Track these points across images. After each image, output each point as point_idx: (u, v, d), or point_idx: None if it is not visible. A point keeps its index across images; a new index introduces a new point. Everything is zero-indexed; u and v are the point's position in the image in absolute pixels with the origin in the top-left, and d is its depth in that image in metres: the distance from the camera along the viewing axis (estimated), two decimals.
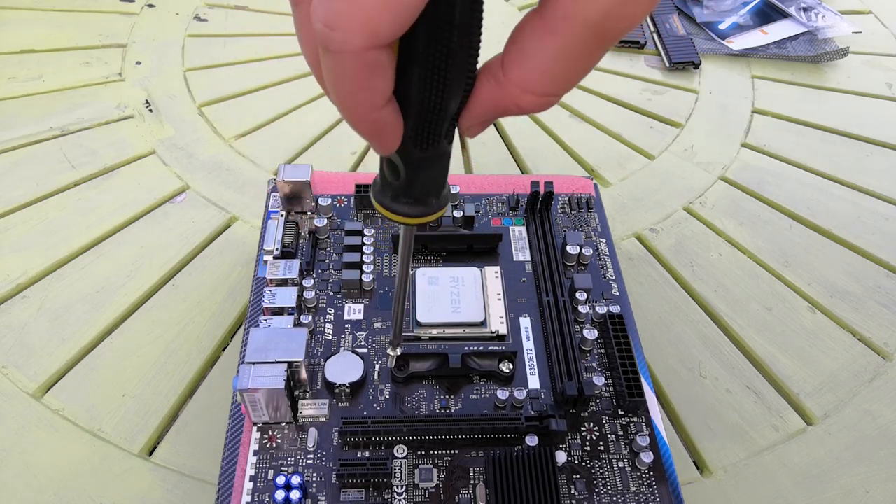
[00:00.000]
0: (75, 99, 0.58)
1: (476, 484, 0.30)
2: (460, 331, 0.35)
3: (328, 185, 0.42)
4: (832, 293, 0.46)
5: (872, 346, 0.43)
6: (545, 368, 0.34)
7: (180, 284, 0.45)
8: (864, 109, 0.61)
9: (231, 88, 0.61)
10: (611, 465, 0.31)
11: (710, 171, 0.55)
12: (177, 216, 0.49)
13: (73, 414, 0.38)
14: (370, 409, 0.33)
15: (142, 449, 0.37)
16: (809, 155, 0.56)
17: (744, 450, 0.38)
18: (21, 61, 0.61)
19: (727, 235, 0.50)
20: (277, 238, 0.38)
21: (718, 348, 0.43)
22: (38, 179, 0.51)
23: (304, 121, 0.58)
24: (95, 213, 0.49)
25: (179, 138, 0.56)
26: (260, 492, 0.30)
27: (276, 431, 0.32)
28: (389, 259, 0.39)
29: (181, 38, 0.66)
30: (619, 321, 0.35)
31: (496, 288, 0.37)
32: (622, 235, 0.49)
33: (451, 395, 0.33)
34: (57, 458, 0.36)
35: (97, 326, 0.42)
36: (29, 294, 0.44)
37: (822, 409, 0.40)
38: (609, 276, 0.39)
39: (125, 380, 0.40)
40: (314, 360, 0.34)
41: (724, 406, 0.40)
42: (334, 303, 0.37)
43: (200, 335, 0.42)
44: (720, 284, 0.46)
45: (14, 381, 0.39)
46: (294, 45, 0.66)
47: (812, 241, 0.49)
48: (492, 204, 0.42)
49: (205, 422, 0.38)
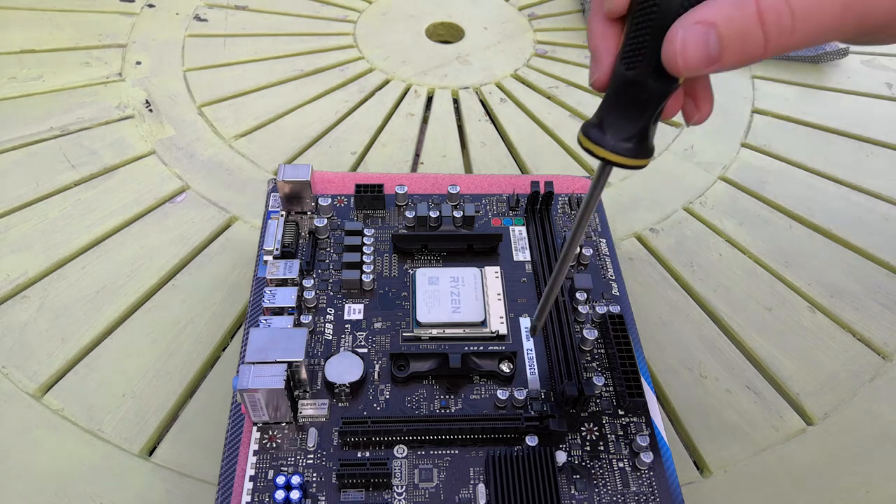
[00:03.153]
0: (75, 99, 0.58)
1: (476, 484, 0.30)
2: (460, 331, 0.35)
3: (328, 185, 0.42)
4: (832, 293, 0.46)
5: (872, 346, 0.43)
6: (545, 368, 0.34)
7: (180, 284, 0.45)
8: (864, 109, 0.61)
9: (231, 88, 0.61)
10: (611, 465, 0.31)
11: (710, 171, 0.55)
12: (177, 216, 0.49)
13: (73, 414, 0.38)
14: (370, 409, 0.33)
15: (142, 449, 0.37)
16: (809, 155, 0.56)
17: (744, 450, 0.38)
18: (21, 61, 0.61)
19: (727, 235, 0.50)
20: (277, 238, 0.38)
21: (718, 348, 0.43)
22: (38, 179, 0.51)
23: (304, 121, 0.58)
24: (95, 213, 0.49)
25: (179, 138, 0.56)
26: (260, 492, 0.30)
27: (276, 431, 0.32)
28: (389, 259, 0.39)
29: (181, 38, 0.66)
30: (619, 321, 0.35)
31: (496, 288, 0.37)
32: (622, 235, 0.49)
33: (451, 395, 0.33)
34: (57, 458, 0.36)
35: (97, 326, 0.42)
36: (29, 294, 0.44)
37: (822, 409, 0.40)
38: (609, 276, 0.39)
39: (125, 380, 0.40)
40: (314, 360, 0.34)
41: (724, 406, 0.40)
42: (334, 303, 0.37)
43: (200, 335, 0.42)
44: (720, 284, 0.46)
45: (14, 381, 0.39)
46: (294, 45, 0.66)
47: (812, 241, 0.49)
48: (492, 204, 0.42)
49: (205, 422, 0.38)
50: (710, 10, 0.18)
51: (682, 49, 0.18)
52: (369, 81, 0.63)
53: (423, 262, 0.39)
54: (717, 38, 0.18)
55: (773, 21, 0.17)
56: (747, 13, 0.18)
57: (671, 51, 0.19)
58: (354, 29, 0.69)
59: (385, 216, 0.41)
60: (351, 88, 0.62)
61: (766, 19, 0.17)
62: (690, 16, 0.18)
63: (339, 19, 0.70)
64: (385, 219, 0.41)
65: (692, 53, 0.18)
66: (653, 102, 0.21)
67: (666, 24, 0.19)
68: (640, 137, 0.22)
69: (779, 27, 0.18)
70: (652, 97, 0.21)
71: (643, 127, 0.21)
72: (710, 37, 0.18)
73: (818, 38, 0.18)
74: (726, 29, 0.18)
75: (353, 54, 0.66)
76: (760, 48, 0.18)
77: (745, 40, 0.18)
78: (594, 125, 0.22)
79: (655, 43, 0.19)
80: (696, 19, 0.18)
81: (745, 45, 0.18)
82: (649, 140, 0.22)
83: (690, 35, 0.18)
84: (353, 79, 0.63)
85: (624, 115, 0.21)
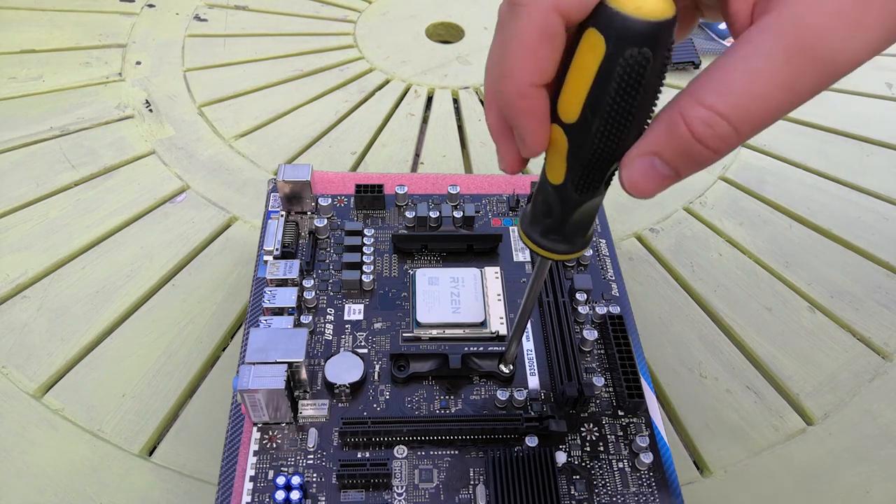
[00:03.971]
0: (75, 99, 0.58)
1: (476, 484, 0.30)
2: (460, 331, 0.35)
3: (328, 185, 0.42)
4: (832, 293, 0.46)
5: (872, 346, 0.43)
6: (545, 369, 0.34)
7: (180, 284, 0.45)
8: (864, 109, 0.61)
9: (231, 88, 0.61)
10: (610, 466, 0.31)
11: (710, 171, 0.55)
12: (177, 216, 0.49)
13: (73, 414, 0.38)
14: (370, 410, 0.33)
15: (142, 449, 0.37)
16: (809, 155, 0.56)
17: (744, 450, 0.38)
18: (21, 61, 0.61)
19: (727, 235, 0.50)
20: (277, 238, 0.38)
21: (718, 348, 0.43)
22: (38, 179, 0.51)
23: (304, 121, 0.58)
24: (95, 213, 0.49)
25: (179, 138, 0.56)
26: (260, 492, 0.30)
27: (276, 432, 0.32)
28: (389, 259, 0.39)
29: (181, 38, 0.66)
30: (618, 322, 0.35)
31: (496, 288, 0.37)
32: (622, 235, 0.49)
33: (451, 395, 0.33)
34: (57, 458, 0.36)
35: (97, 326, 0.42)
36: (29, 294, 0.44)
37: (822, 409, 0.40)
38: (609, 276, 0.39)
39: (125, 380, 0.40)
40: (314, 360, 0.34)
41: (724, 406, 0.40)
42: (334, 303, 0.37)
43: (200, 335, 0.42)
44: (720, 284, 0.46)
45: (14, 381, 0.39)
46: (294, 45, 0.66)
47: (812, 241, 0.49)
48: (492, 204, 0.42)
49: (205, 422, 0.38)
50: (647, 140, 0.18)
51: (632, 183, 0.19)
52: (369, 81, 0.63)
53: (423, 262, 0.39)
54: (663, 164, 0.18)
55: (710, 134, 0.17)
56: (681, 136, 0.17)
57: (627, 184, 0.19)
58: (354, 29, 0.69)
59: (385, 216, 0.41)
60: (351, 88, 0.62)
61: (700, 136, 0.17)
62: (632, 151, 0.19)
63: (339, 19, 0.70)
64: (385, 219, 0.41)
65: (645, 183, 0.19)
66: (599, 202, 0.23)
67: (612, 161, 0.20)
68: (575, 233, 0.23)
69: (719, 138, 0.17)
70: (599, 203, 0.23)
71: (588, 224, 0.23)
72: (656, 163, 0.18)
73: (768, 124, 0.17)
74: (668, 154, 0.18)
75: (353, 54, 0.66)
76: (711, 157, 0.18)
77: (689, 156, 0.18)
78: (536, 226, 0.24)
79: (607, 174, 0.21)
80: (638, 153, 0.18)
81: (693, 159, 0.18)
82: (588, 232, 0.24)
83: (637, 169, 0.18)
84: (353, 79, 0.63)
85: (575, 223, 0.23)
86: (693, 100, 0.17)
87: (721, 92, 0.16)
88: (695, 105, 0.17)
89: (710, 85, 0.17)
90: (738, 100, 0.16)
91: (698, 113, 0.17)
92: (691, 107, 0.17)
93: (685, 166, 0.18)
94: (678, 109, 0.17)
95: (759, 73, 0.16)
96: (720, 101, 0.16)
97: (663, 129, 0.18)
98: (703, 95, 0.17)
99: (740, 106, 0.16)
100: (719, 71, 0.17)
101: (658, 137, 0.18)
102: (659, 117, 0.18)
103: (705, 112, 0.17)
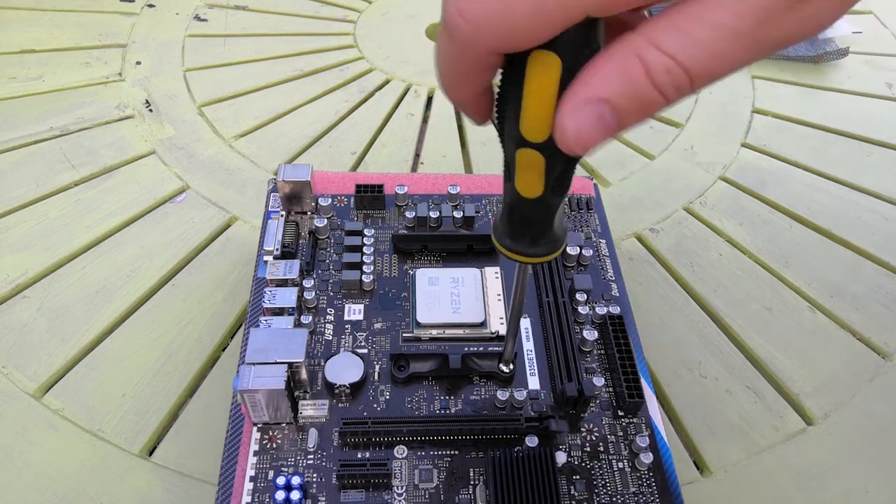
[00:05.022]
0: (75, 99, 0.58)
1: (476, 484, 0.30)
2: (460, 331, 0.35)
3: (328, 185, 0.42)
4: (832, 293, 0.46)
5: (872, 346, 0.43)
6: (545, 369, 0.34)
7: (180, 284, 0.45)
8: (864, 109, 0.61)
9: (231, 88, 0.61)
10: (610, 466, 0.31)
11: (710, 171, 0.55)
12: (177, 216, 0.49)
13: (73, 414, 0.38)
14: (370, 410, 0.33)
15: (142, 449, 0.37)
16: (809, 155, 0.56)
17: (744, 450, 0.38)
18: (21, 61, 0.61)
19: (727, 235, 0.50)
20: (277, 238, 0.38)
21: (718, 348, 0.43)
22: (38, 179, 0.51)
23: (304, 121, 0.58)
24: (95, 213, 0.49)
25: (179, 138, 0.56)
26: (260, 492, 0.30)
27: (276, 432, 0.32)
28: (389, 259, 0.39)
29: (181, 38, 0.66)
30: (618, 322, 0.35)
31: (496, 289, 0.37)
32: (622, 235, 0.49)
33: (451, 395, 0.33)
34: (57, 458, 0.36)
35: (97, 326, 0.42)
36: (29, 294, 0.44)
37: (822, 409, 0.40)
38: (609, 276, 0.39)
39: (125, 380, 0.40)
40: (314, 360, 0.34)
41: (724, 406, 0.40)
42: (334, 303, 0.37)
43: (200, 335, 0.42)
44: (720, 284, 0.46)
45: (14, 381, 0.39)
46: (294, 45, 0.66)
47: (812, 241, 0.49)
48: (492, 204, 0.42)
49: (205, 422, 0.38)
50: (595, 85, 0.16)
51: (578, 135, 0.17)
52: (369, 81, 0.63)
53: (423, 262, 0.39)
54: (611, 112, 0.16)
55: (668, 81, 0.16)
56: (638, 82, 0.16)
57: (571, 137, 0.17)
58: (354, 29, 0.69)
59: (385, 216, 0.41)
60: (351, 88, 0.62)
61: (660, 83, 0.16)
62: (575, 96, 0.17)
63: (339, 19, 0.70)
64: (385, 219, 0.41)
65: (591, 136, 0.17)
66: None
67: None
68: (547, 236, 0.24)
69: (675, 87, 0.16)
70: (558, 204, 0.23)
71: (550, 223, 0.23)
72: (604, 112, 0.16)
73: (722, 77, 0.16)
74: (619, 100, 0.16)
75: (353, 54, 0.66)
76: (661, 107, 0.16)
77: (641, 103, 0.16)
78: (521, 239, 0.24)
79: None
80: (585, 99, 0.16)
81: (644, 108, 0.16)
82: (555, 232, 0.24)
83: (583, 119, 0.16)
84: (353, 79, 0.63)
85: (558, 221, 0.24)
86: (649, 43, 0.15)
87: (683, 41, 0.15)
88: (652, 49, 0.15)
89: (674, 31, 0.15)
90: (701, 53, 0.15)
91: (658, 58, 0.15)
92: (649, 50, 0.15)
93: (633, 115, 0.17)
94: (634, 51, 0.16)
95: (727, 31, 0.15)
96: (682, 49, 0.15)
97: (615, 71, 0.16)
98: (664, 40, 0.15)
99: (701, 60, 0.15)
100: (682, 17, 0.15)
101: (608, 81, 0.16)
102: (606, 59, 0.16)
103: (665, 58, 0.15)
